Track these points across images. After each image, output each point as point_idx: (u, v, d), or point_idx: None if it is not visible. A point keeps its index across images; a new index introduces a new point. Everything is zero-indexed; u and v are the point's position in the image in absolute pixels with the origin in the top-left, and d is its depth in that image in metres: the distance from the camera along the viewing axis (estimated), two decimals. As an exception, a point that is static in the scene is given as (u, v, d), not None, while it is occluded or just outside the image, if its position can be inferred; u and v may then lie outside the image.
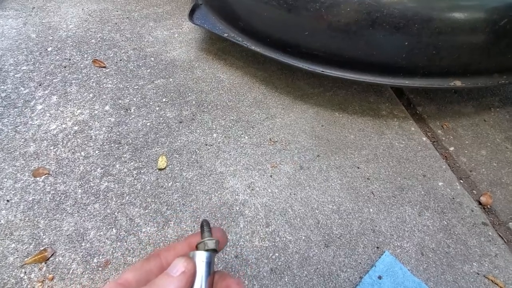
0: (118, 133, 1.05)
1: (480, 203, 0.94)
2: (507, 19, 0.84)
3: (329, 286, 0.77)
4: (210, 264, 0.28)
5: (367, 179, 0.98)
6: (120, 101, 1.16)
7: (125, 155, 0.99)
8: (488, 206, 0.93)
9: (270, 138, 1.08)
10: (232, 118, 1.13)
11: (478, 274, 0.81)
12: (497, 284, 0.79)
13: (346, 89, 1.26)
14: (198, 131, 1.08)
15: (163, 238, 0.82)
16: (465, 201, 0.94)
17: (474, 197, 0.96)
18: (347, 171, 1.00)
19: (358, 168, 1.01)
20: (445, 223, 0.89)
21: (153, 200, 0.89)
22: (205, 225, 0.32)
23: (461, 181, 1.00)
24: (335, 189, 0.95)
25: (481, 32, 0.87)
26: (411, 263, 0.81)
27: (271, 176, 0.97)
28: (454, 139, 1.10)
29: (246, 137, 1.08)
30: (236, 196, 0.92)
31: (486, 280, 0.80)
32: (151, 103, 1.16)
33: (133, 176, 0.94)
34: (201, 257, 0.28)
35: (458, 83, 0.96)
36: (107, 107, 1.13)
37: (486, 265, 0.82)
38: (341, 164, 1.02)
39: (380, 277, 0.79)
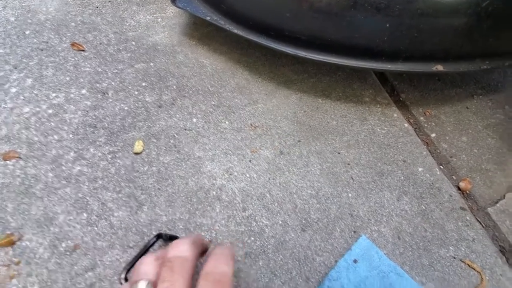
0: (94, 117, 1.00)
1: (459, 189, 0.92)
2: (489, 1, 0.81)
3: (304, 270, 0.75)
4: None
5: (347, 164, 0.95)
6: (97, 85, 1.11)
7: (100, 139, 0.95)
8: (467, 192, 0.91)
9: (251, 124, 1.04)
10: (213, 103, 1.09)
11: (455, 258, 0.79)
12: (474, 269, 0.78)
13: (330, 76, 1.23)
14: (177, 115, 1.03)
15: (135, 223, 0.79)
16: (444, 186, 0.92)
17: (453, 182, 0.94)
18: (328, 157, 0.97)
19: (338, 153, 0.98)
20: (423, 207, 0.87)
21: (127, 185, 0.85)
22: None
23: (441, 167, 0.97)
24: (314, 174, 0.92)
25: (463, 14, 0.84)
26: (388, 247, 0.79)
27: (250, 161, 0.94)
28: (436, 125, 1.07)
29: (227, 122, 1.03)
30: (214, 181, 0.88)
31: (463, 264, 0.78)
32: (129, 87, 1.11)
33: (107, 160, 0.90)
34: None
35: (440, 67, 0.92)
36: (83, 91, 1.08)
37: (463, 249, 0.81)
38: (322, 149, 0.98)
39: (355, 261, 0.76)
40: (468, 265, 0.77)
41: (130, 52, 1.26)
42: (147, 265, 0.51)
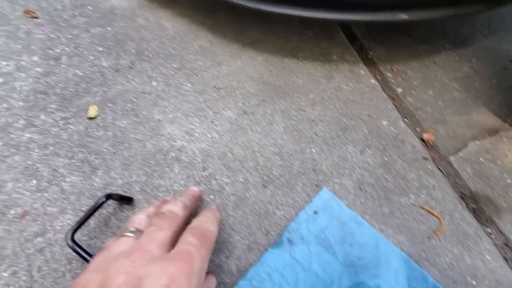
0: (45, 84, 0.93)
1: (422, 140, 0.91)
2: None
3: (264, 224, 0.73)
4: None
5: (312, 121, 0.92)
6: (50, 51, 1.02)
7: (51, 106, 0.88)
8: (431, 143, 0.90)
9: (214, 85, 0.99)
10: (174, 66, 1.03)
11: (415, 205, 0.78)
12: (433, 214, 0.78)
13: (298, 36, 1.17)
14: (136, 79, 0.97)
15: (89, 187, 0.75)
16: (407, 138, 0.90)
17: (417, 134, 0.92)
18: (292, 115, 0.93)
19: (303, 111, 0.94)
20: (386, 159, 0.85)
21: (80, 150, 0.80)
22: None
23: (406, 120, 0.96)
24: (278, 132, 0.89)
25: (425, -45, 0.79)
26: (349, 198, 0.78)
27: (212, 122, 0.90)
28: (403, 81, 1.05)
29: (189, 85, 0.98)
30: (173, 143, 0.84)
31: (422, 210, 0.78)
32: (85, 53, 1.03)
33: (59, 127, 0.84)
34: None
35: (404, 16, 0.88)
36: (35, 58, 1.00)
37: (423, 196, 0.80)
38: (286, 108, 0.95)
39: (316, 212, 0.75)
40: (428, 211, 0.77)
41: (86, 17, 1.17)
42: (140, 217, 0.52)
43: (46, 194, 0.73)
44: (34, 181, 0.74)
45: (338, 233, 0.72)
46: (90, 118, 0.87)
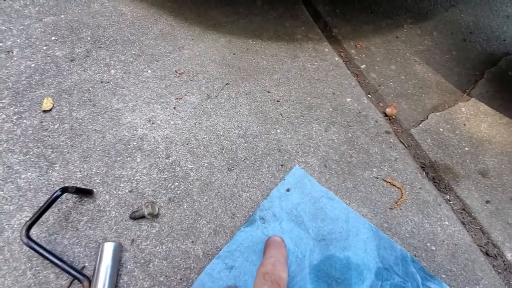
0: (-6, 78, 0.86)
1: (385, 115, 0.91)
2: None
3: (230, 207, 0.72)
4: None
5: (277, 102, 0.90)
6: (1, 44, 0.94)
7: (3, 101, 0.82)
8: (393, 117, 0.90)
9: (176, 70, 0.94)
10: (133, 52, 0.97)
11: (377, 178, 0.79)
12: (395, 185, 0.78)
13: (262, 16, 1.13)
14: (93, 68, 0.91)
15: (46, 182, 0.70)
16: (370, 113, 0.90)
17: (380, 109, 0.92)
18: (257, 96, 0.91)
19: (268, 92, 0.92)
20: (350, 135, 0.85)
21: (35, 145, 0.75)
22: None
23: (369, 95, 0.95)
24: (243, 114, 0.87)
25: None
26: (314, 175, 0.77)
27: (174, 108, 0.86)
28: (366, 57, 1.03)
29: (149, 71, 0.93)
30: (134, 131, 0.81)
31: (384, 182, 0.78)
32: (37, 43, 0.95)
33: (12, 122, 0.78)
34: None
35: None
36: (-18, 51, 0.92)
37: (386, 169, 0.81)
38: (251, 90, 0.92)
39: (288, 190, 0.74)
40: (390, 182, 0.78)
41: (38, 6, 1.07)
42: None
43: (1, 193, 0.68)
44: (-14, 180, 0.70)
45: (310, 209, 0.72)
46: (45, 111, 0.81)
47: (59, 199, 0.65)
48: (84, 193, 0.67)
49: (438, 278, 0.67)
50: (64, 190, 0.63)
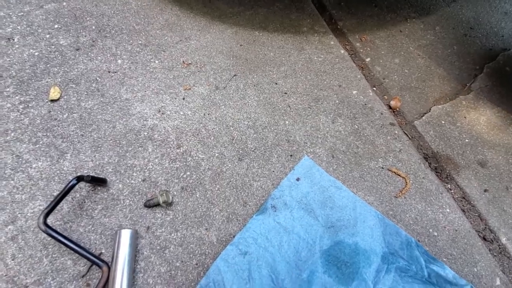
0: (-2, 66, 0.85)
1: (390, 107, 0.94)
2: None
3: (242, 196, 0.74)
4: None
5: (285, 93, 0.92)
6: (0, 31, 0.93)
7: (7, 89, 0.81)
8: (397, 109, 0.94)
9: (183, 61, 0.95)
10: (140, 42, 0.97)
11: (383, 168, 0.82)
12: (399, 175, 0.82)
13: (268, 7, 1.14)
14: (99, 58, 0.91)
15: (58, 172, 0.71)
16: (376, 106, 0.93)
17: (385, 102, 0.95)
18: (265, 88, 0.93)
19: (276, 84, 0.94)
20: (356, 127, 0.88)
21: (44, 134, 0.76)
22: None
23: (374, 88, 0.98)
24: (251, 106, 0.89)
25: None
26: (322, 165, 0.80)
27: (183, 98, 0.87)
28: (371, 50, 1.06)
29: (157, 61, 0.94)
30: (144, 122, 0.82)
31: (390, 172, 0.82)
32: (39, 31, 0.94)
33: (19, 111, 0.78)
34: None
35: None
36: (-18, 38, 0.90)
37: (391, 159, 0.84)
38: (258, 81, 0.94)
39: (298, 179, 0.77)
40: (394, 172, 0.81)
41: (37, -9, 1.06)
42: None
43: (12, 182, 0.69)
44: (-3, 169, 0.70)
45: (319, 197, 0.75)
46: (52, 101, 0.81)
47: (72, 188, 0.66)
48: (99, 182, 0.68)
49: (440, 261, 0.72)
50: (80, 178, 0.64)
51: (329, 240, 0.70)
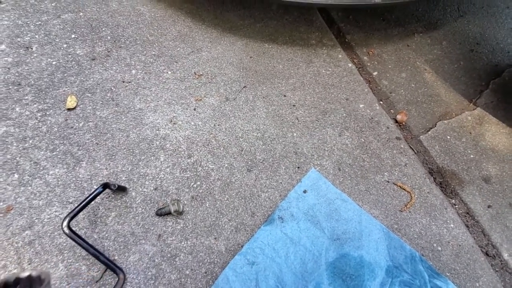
0: (17, 74, 0.89)
1: (396, 121, 0.96)
2: None
3: (250, 206, 0.77)
4: None
5: (293, 106, 0.95)
6: (19, 39, 0.97)
7: (26, 97, 0.85)
8: (403, 123, 0.96)
9: (195, 72, 0.98)
10: (153, 53, 1.01)
11: (388, 182, 0.85)
12: (405, 189, 0.84)
13: (277, 20, 1.17)
14: (114, 68, 0.95)
15: (74, 179, 0.74)
16: (382, 120, 0.95)
17: (391, 116, 0.98)
18: (274, 100, 0.96)
19: (284, 96, 0.97)
20: (363, 140, 0.91)
21: (61, 142, 0.79)
22: None
23: (381, 102, 1.01)
24: (260, 117, 0.92)
25: None
26: (329, 178, 0.83)
27: (194, 109, 0.90)
28: (378, 64, 1.09)
29: (169, 72, 0.97)
30: (157, 131, 0.85)
31: (395, 186, 0.84)
32: (57, 40, 0.98)
33: (37, 119, 0.82)
34: None
35: (378, 0, 0.91)
36: (2, 46, 0.94)
37: (396, 173, 0.86)
38: (268, 93, 0.97)
39: (305, 191, 0.80)
40: (400, 186, 0.84)
41: (54, 1, 1.10)
42: None
43: (29, 188, 0.72)
44: (16, 175, 0.73)
45: (325, 210, 0.77)
46: (69, 109, 0.85)
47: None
48: (121, 190, 0.72)
49: (444, 276, 0.73)
50: (106, 186, 0.67)
51: (334, 253, 0.73)
